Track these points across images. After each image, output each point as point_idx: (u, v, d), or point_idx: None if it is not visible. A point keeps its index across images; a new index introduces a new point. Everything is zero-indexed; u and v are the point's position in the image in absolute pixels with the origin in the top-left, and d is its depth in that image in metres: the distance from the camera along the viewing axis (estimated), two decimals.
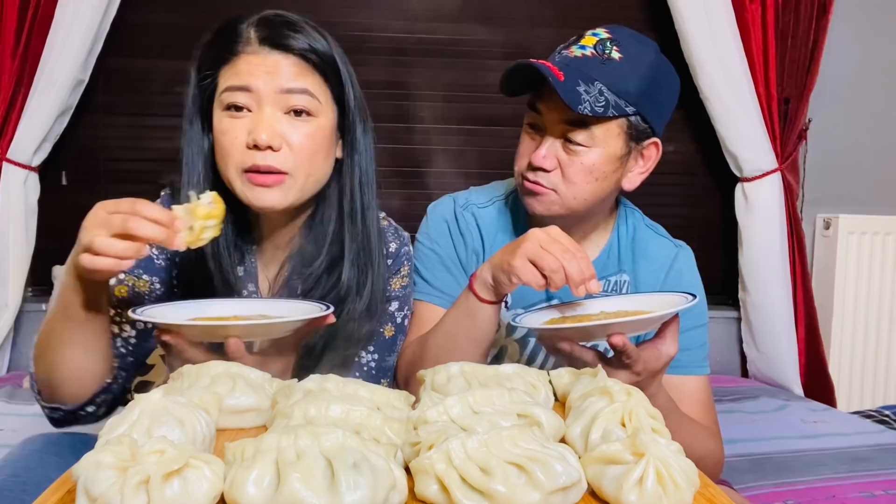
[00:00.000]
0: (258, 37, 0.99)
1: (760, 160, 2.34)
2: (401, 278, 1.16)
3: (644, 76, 1.08)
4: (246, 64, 0.98)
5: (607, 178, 1.11)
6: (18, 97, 2.08)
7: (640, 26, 2.37)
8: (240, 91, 0.98)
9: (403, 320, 1.16)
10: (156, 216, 0.84)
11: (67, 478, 0.57)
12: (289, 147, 0.99)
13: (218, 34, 1.02)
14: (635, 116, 1.09)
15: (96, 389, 1.00)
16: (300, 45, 0.99)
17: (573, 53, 1.09)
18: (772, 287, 2.38)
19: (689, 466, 0.57)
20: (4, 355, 2.22)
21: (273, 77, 0.97)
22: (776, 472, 1.56)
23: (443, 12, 2.40)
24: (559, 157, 1.10)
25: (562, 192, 1.10)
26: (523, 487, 0.53)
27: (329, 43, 1.03)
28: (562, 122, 1.08)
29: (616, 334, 0.91)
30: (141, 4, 2.26)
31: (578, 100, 1.04)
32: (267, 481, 0.51)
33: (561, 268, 0.92)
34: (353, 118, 1.05)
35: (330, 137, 1.03)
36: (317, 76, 1.01)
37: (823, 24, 2.34)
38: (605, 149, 1.09)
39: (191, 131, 1.04)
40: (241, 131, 0.98)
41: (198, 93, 1.03)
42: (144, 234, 0.82)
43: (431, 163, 2.43)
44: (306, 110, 1.00)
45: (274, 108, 0.98)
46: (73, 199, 2.31)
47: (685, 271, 1.22)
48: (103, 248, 0.82)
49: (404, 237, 1.19)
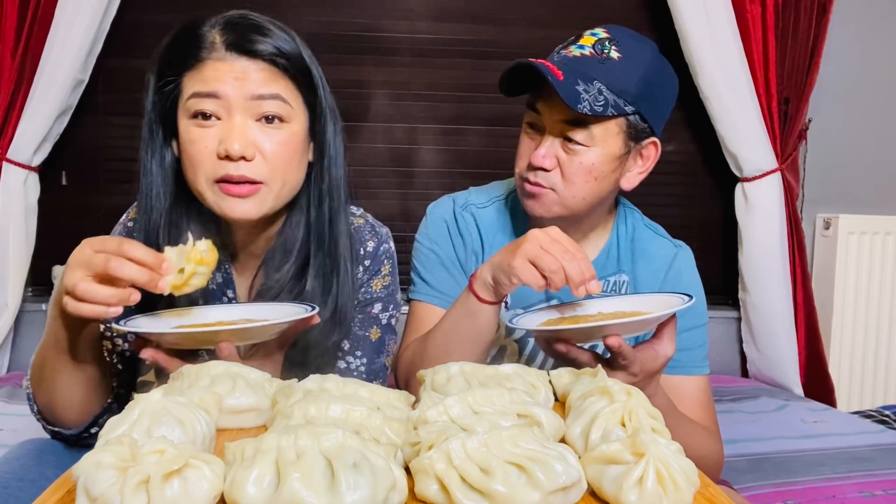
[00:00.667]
0: (224, 41, 0.94)
1: (760, 160, 2.34)
2: (382, 278, 1.13)
3: (643, 75, 1.09)
4: (213, 70, 0.93)
5: (606, 177, 1.11)
6: (18, 97, 2.08)
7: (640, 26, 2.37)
8: (207, 98, 0.93)
9: (389, 320, 1.14)
10: (142, 258, 0.80)
11: (67, 478, 0.57)
12: (262, 156, 0.95)
13: (179, 37, 0.97)
14: (634, 116, 1.09)
15: (98, 412, 1.00)
16: (269, 49, 0.94)
17: (572, 53, 1.09)
18: (772, 287, 2.38)
19: (689, 466, 0.57)
20: (4, 355, 2.22)
21: (242, 83, 0.93)
22: (776, 472, 1.55)
23: (443, 12, 2.40)
24: (559, 156, 1.10)
25: (561, 191, 1.10)
26: (523, 487, 0.53)
27: (297, 44, 0.98)
28: (561, 121, 1.08)
29: (612, 335, 0.91)
30: (141, 4, 2.26)
31: (578, 99, 1.04)
32: (267, 481, 0.51)
33: (561, 268, 0.92)
34: (325, 121, 1.02)
35: (303, 143, 1.00)
36: (287, 80, 0.96)
37: (823, 24, 2.34)
38: (604, 148, 1.09)
39: (151, 140, 0.99)
40: (212, 140, 0.93)
41: (158, 99, 0.98)
42: (126, 276, 0.79)
43: (430, 163, 2.43)
44: (279, 116, 0.95)
45: (245, 115, 0.94)
46: (73, 199, 2.31)
47: (684, 271, 1.22)
48: (85, 295, 0.79)
49: (382, 234, 1.15)
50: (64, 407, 0.97)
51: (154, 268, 0.81)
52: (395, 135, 2.41)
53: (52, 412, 0.99)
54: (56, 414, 0.99)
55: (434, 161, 2.44)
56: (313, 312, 0.91)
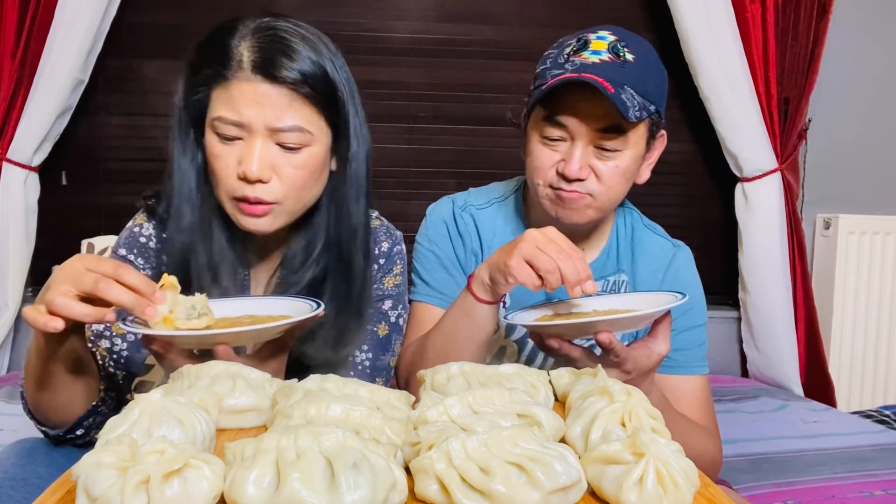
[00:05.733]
0: (251, 62, 0.94)
1: (760, 160, 2.34)
2: (394, 277, 1.16)
3: (655, 73, 1.09)
4: (238, 92, 0.95)
5: (633, 176, 1.13)
6: (18, 97, 2.08)
7: (640, 26, 2.38)
8: (232, 125, 0.96)
9: (398, 319, 1.16)
10: (135, 284, 0.80)
11: (67, 478, 0.57)
12: (278, 178, 0.97)
13: (210, 46, 0.98)
14: (656, 113, 1.10)
15: (81, 414, 1.00)
16: (292, 75, 0.95)
17: (589, 60, 1.06)
18: (772, 287, 2.38)
19: (689, 466, 0.57)
20: (4, 355, 2.22)
21: (263, 110, 0.94)
22: (776, 472, 1.56)
23: (443, 12, 2.40)
24: (592, 164, 1.08)
25: (599, 196, 1.10)
26: (523, 487, 0.53)
27: (325, 60, 0.98)
28: (595, 130, 1.06)
29: (603, 332, 0.91)
30: (141, 4, 2.26)
31: (626, 108, 1.02)
32: (267, 481, 0.51)
33: (556, 268, 0.92)
34: (348, 139, 1.03)
35: (323, 160, 1.01)
36: (310, 106, 0.97)
37: (823, 24, 2.34)
38: (634, 150, 1.09)
39: (182, 141, 1.02)
40: (232, 159, 0.96)
41: (188, 104, 1.01)
42: (113, 298, 0.78)
43: (431, 163, 2.43)
44: (297, 144, 0.97)
45: (265, 139, 0.96)
46: (73, 199, 2.31)
47: (683, 271, 1.22)
48: (59, 309, 0.78)
49: (397, 236, 1.18)
50: (47, 408, 0.98)
51: (146, 295, 0.81)
52: (394, 135, 2.41)
53: (37, 411, 1.00)
54: (40, 413, 1.00)
55: (434, 161, 2.44)
56: (318, 310, 0.91)
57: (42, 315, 0.79)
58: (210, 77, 0.97)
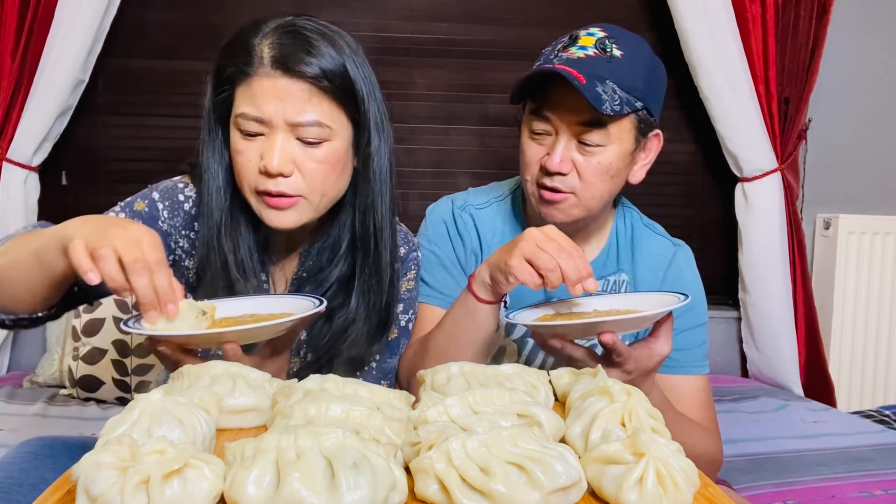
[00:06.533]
0: (271, 58, 0.96)
1: (760, 160, 2.34)
2: (407, 282, 1.17)
3: (645, 70, 1.09)
4: (259, 87, 0.96)
5: (620, 174, 1.12)
6: (18, 97, 2.08)
7: (639, 26, 2.38)
8: (253, 121, 0.97)
9: (408, 324, 1.17)
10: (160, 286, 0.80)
11: (67, 478, 0.57)
12: (300, 172, 0.99)
13: (234, 46, 1.00)
14: (643, 111, 1.09)
15: (23, 315, 0.96)
16: (312, 70, 0.96)
17: (575, 55, 1.08)
18: (772, 287, 2.38)
19: (689, 466, 0.57)
20: (4, 355, 2.22)
21: (283, 104, 0.96)
22: (776, 472, 1.56)
23: (443, 12, 2.40)
24: (574, 158, 1.09)
25: (580, 193, 1.10)
26: (523, 487, 0.53)
27: (345, 56, 0.99)
28: (576, 123, 1.07)
29: (606, 332, 0.91)
30: (141, 4, 2.26)
31: (600, 101, 1.03)
32: (267, 481, 0.51)
33: (557, 266, 0.92)
34: (369, 134, 1.04)
35: (345, 156, 1.02)
36: (329, 101, 0.98)
37: (823, 24, 2.34)
38: (619, 146, 1.09)
39: (210, 141, 1.04)
40: (255, 154, 0.98)
41: (215, 104, 1.03)
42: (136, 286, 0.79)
43: (430, 163, 2.43)
44: (318, 139, 0.99)
45: (285, 134, 0.97)
46: (73, 199, 2.31)
47: (684, 270, 1.22)
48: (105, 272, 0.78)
49: (414, 242, 1.20)
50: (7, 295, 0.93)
51: (162, 300, 0.81)
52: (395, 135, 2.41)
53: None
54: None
55: (434, 161, 2.44)
56: (321, 307, 0.91)
57: (86, 260, 0.78)
58: (234, 75, 0.99)
